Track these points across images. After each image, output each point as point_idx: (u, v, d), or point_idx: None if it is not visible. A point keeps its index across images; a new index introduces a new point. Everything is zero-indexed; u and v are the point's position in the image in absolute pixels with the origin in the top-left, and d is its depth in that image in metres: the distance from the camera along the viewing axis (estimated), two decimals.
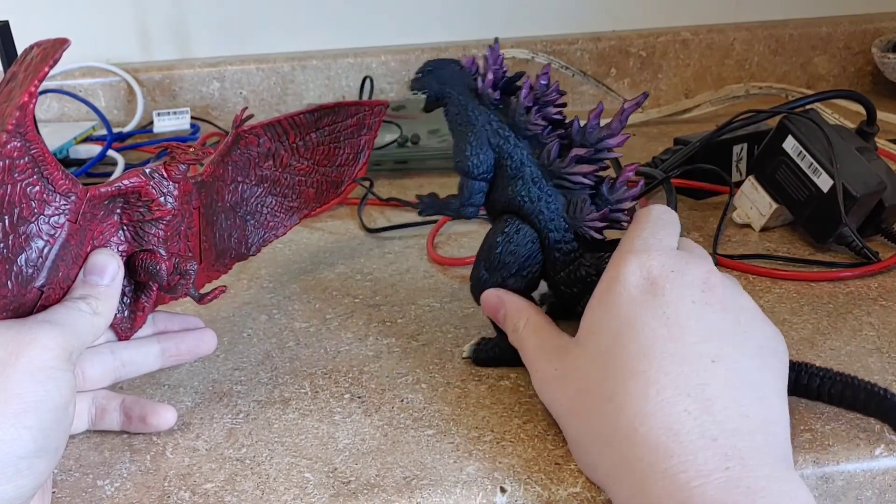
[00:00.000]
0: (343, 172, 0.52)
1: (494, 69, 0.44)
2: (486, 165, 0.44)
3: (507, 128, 0.43)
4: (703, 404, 0.33)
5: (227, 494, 0.37)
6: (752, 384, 0.34)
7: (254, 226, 0.49)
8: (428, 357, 0.47)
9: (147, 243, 0.41)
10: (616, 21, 1.00)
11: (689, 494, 0.31)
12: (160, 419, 0.41)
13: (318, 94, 0.97)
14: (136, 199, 0.40)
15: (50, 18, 0.95)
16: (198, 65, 0.96)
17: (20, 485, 0.32)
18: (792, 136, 0.57)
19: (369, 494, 0.36)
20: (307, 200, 0.51)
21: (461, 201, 0.45)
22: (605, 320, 0.37)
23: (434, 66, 0.46)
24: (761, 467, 0.31)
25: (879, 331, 0.47)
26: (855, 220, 0.56)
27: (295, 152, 0.48)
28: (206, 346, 0.44)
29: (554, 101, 0.43)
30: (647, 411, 0.33)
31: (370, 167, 0.76)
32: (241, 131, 0.45)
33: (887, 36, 0.97)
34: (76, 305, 0.37)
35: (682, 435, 0.32)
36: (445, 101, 0.45)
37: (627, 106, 0.41)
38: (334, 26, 0.99)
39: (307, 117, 0.47)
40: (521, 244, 0.43)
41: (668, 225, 0.40)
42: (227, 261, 0.48)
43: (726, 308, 0.36)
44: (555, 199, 0.43)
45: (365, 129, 0.52)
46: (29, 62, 0.35)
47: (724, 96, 0.88)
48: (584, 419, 0.36)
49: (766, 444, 0.32)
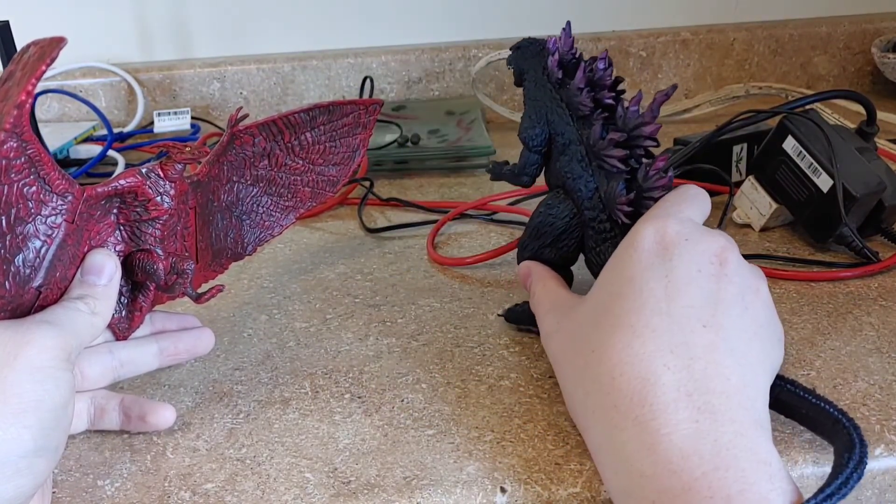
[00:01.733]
0: (339, 171, 0.52)
1: (562, 50, 0.46)
2: (539, 139, 0.47)
3: (564, 106, 0.46)
4: (684, 362, 0.33)
5: (227, 494, 0.37)
6: (739, 352, 0.35)
7: (249, 225, 0.49)
8: (428, 357, 0.47)
9: (144, 243, 0.41)
10: (616, 21, 1.00)
11: (657, 440, 0.32)
12: (159, 418, 0.41)
13: (318, 94, 0.97)
14: (132, 198, 0.40)
15: (50, 18, 0.95)
16: (198, 65, 0.96)
17: (20, 484, 0.32)
18: (792, 136, 0.57)
19: (369, 494, 0.37)
20: (303, 199, 0.52)
21: (517, 170, 0.49)
22: (611, 278, 0.38)
23: (523, 44, 0.49)
24: (731, 423, 0.32)
25: (879, 331, 0.47)
26: (855, 220, 0.56)
27: (290, 152, 0.48)
28: (205, 345, 0.45)
29: (608, 84, 0.44)
30: (626, 361, 0.34)
31: (370, 167, 0.76)
32: (237, 131, 0.45)
33: (887, 36, 0.97)
34: (74, 305, 0.37)
35: (658, 387, 0.33)
36: (525, 77, 0.49)
37: (659, 96, 0.42)
38: (334, 26, 0.99)
39: (302, 116, 0.47)
40: (559, 217, 0.46)
41: (694, 200, 0.40)
42: (224, 261, 0.48)
43: (733, 282, 0.36)
44: (593, 179, 0.45)
45: (360, 127, 0.52)
46: (26, 61, 0.35)
47: (724, 96, 0.88)
48: (572, 367, 0.38)
49: (740, 406, 0.33)
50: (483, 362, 0.46)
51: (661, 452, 0.31)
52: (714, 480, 0.30)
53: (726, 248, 0.37)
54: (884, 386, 0.42)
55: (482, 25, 1.00)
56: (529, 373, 0.45)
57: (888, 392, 0.42)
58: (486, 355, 0.47)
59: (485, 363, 0.46)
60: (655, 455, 0.31)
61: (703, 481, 0.30)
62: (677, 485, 0.30)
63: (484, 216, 0.66)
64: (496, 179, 0.51)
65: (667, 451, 0.31)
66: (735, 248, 0.38)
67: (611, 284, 0.38)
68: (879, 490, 0.38)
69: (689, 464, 0.31)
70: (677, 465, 0.31)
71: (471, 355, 0.47)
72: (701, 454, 0.31)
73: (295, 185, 0.50)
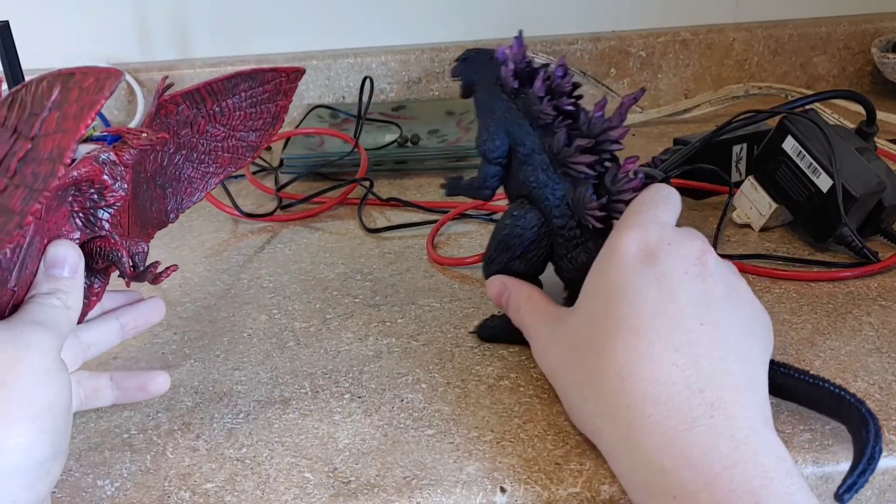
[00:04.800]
0: (259, 137, 0.52)
1: (516, 59, 0.45)
2: (500, 151, 0.46)
3: (521, 116, 0.45)
4: (691, 359, 0.34)
5: (227, 494, 0.37)
6: (738, 349, 0.35)
7: (172, 193, 0.48)
8: (428, 357, 0.47)
9: (101, 229, 0.40)
10: (616, 21, 1.00)
11: (673, 437, 0.32)
12: (158, 385, 0.41)
13: (318, 94, 0.97)
14: (87, 186, 0.39)
15: (50, 18, 0.95)
16: (198, 65, 0.96)
17: (39, 489, 0.32)
18: (791, 136, 0.57)
19: (369, 494, 0.37)
20: (223, 165, 0.51)
21: (477, 183, 0.48)
22: (600, 285, 0.39)
23: (469, 54, 0.48)
24: (745, 419, 0.32)
25: (879, 331, 0.47)
26: (854, 220, 0.56)
27: (212, 119, 0.48)
28: (159, 314, 0.44)
29: (568, 91, 0.44)
30: (634, 363, 0.35)
31: (370, 167, 0.76)
32: (163, 101, 0.45)
33: (887, 36, 0.97)
34: (50, 302, 0.37)
35: (669, 385, 0.33)
36: (475, 88, 0.48)
37: (626, 100, 0.42)
38: (334, 26, 0.99)
39: (225, 84, 0.47)
40: (527, 228, 0.45)
41: (667, 202, 0.41)
42: (150, 230, 0.47)
43: (717, 282, 0.37)
44: (560, 187, 0.44)
45: (280, 94, 0.52)
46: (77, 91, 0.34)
47: (724, 96, 0.88)
48: (575, 374, 0.38)
49: (749, 401, 0.33)
50: (483, 362, 0.46)
51: (680, 448, 0.32)
52: (736, 475, 0.30)
53: (704, 249, 0.38)
54: (884, 386, 0.42)
55: (482, 25, 1.00)
56: (529, 373, 0.45)
57: (888, 392, 0.42)
58: (486, 355, 0.47)
59: (485, 363, 0.46)
60: (674, 451, 0.32)
61: (725, 476, 0.30)
62: (700, 479, 0.31)
63: (484, 216, 0.66)
64: (453, 194, 0.50)
65: (686, 446, 0.32)
66: (710, 247, 0.39)
67: (602, 291, 0.38)
68: (879, 490, 0.38)
69: (709, 458, 0.31)
70: (698, 461, 0.31)
71: (471, 355, 0.47)
72: (720, 449, 0.31)
73: (216, 152, 0.50)
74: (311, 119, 0.89)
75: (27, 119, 0.35)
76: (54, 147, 0.33)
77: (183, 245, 0.64)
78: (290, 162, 0.77)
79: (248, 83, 0.49)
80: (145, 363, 0.48)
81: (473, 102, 0.48)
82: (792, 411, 0.40)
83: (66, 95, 0.34)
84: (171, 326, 0.51)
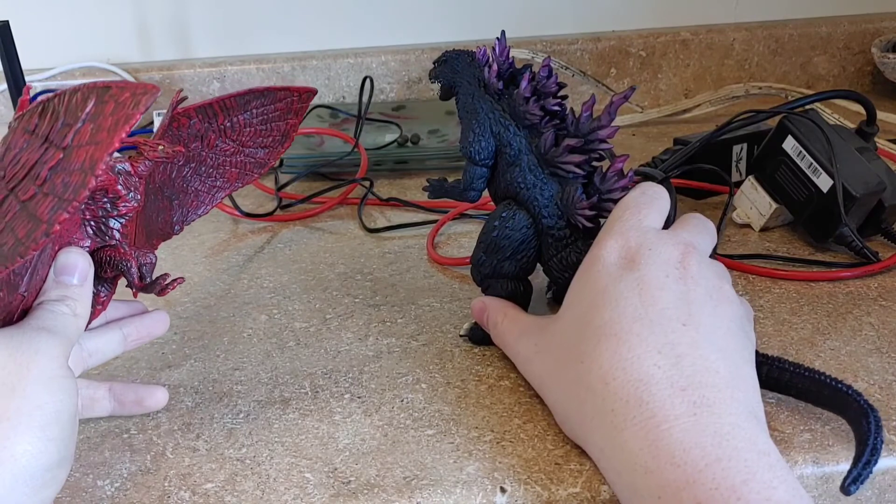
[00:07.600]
0: (267, 154, 0.52)
1: (500, 60, 0.45)
2: (486, 152, 0.46)
3: (507, 117, 0.45)
4: (672, 360, 0.34)
5: (227, 494, 0.37)
6: (721, 347, 0.35)
7: (178, 205, 0.49)
8: (428, 357, 0.47)
9: (111, 238, 0.40)
10: (616, 21, 1.00)
11: (657, 436, 0.32)
12: (156, 400, 0.42)
13: (318, 94, 0.97)
14: (101, 195, 0.39)
15: (50, 18, 0.95)
16: (198, 65, 0.96)
17: (45, 496, 0.33)
18: (792, 136, 0.57)
19: (369, 494, 0.37)
20: (230, 179, 0.51)
21: (463, 185, 0.47)
22: (582, 293, 0.39)
23: (449, 56, 0.48)
24: (728, 415, 0.33)
25: (879, 331, 0.47)
26: (855, 220, 0.56)
27: (222, 133, 0.48)
28: (162, 327, 0.45)
29: (553, 92, 0.44)
30: (617, 367, 0.35)
31: (370, 167, 0.76)
32: (176, 113, 0.45)
33: (887, 36, 0.97)
34: (59, 309, 0.37)
35: (652, 385, 0.34)
36: (456, 90, 0.48)
37: (616, 99, 0.42)
38: (334, 26, 0.99)
39: (237, 100, 0.47)
40: (516, 229, 0.45)
41: (651, 204, 0.41)
42: (155, 241, 0.48)
43: (699, 283, 0.37)
44: (549, 187, 0.44)
45: (292, 113, 0.52)
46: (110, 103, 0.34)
47: (724, 96, 0.88)
48: (561, 382, 0.38)
49: (733, 397, 0.34)
50: (483, 362, 0.46)
51: (663, 447, 0.32)
52: (718, 471, 0.30)
53: (686, 252, 0.38)
54: (884, 386, 0.42)
55: (482, 25, 1.00)
56: None
57: (888, 392, 0.42)
58: (486, 355, 0.47)
59: (485, 363, 0.46)
60: (657, 450, 0.32)
61: (707, 473, 0.30)
62: (681, 478, 0.31)
63: (483, 216, 0.66)
64: (437, 197, 0.50)
65: (668, 445, 0.32)
66: (695, 249, 0.39)
67: (584, 299, 0.39)
68: (879, 490, 0.38)
69: (691, 456, 0.31)
70: (680, 459, 0.31)
71: (471, 355, 0.47)
72: (702, 446, 0.31)
73: (224, 166, 0.50)
74: (311, 119, 0.89)
75: (60, 129, 0.35)
76: (87, 158, 0.33)
77: (183, 245, 0.64)
78: (290, 162, 0.77)
79: (260, 100, 0.49)
80: (145, 363, 0.48)
81: (455, 105, 0.48)
82: (792, 411, 0.40)
83: (101, 108, 0.34)
84: (171, 326, 0.51)
